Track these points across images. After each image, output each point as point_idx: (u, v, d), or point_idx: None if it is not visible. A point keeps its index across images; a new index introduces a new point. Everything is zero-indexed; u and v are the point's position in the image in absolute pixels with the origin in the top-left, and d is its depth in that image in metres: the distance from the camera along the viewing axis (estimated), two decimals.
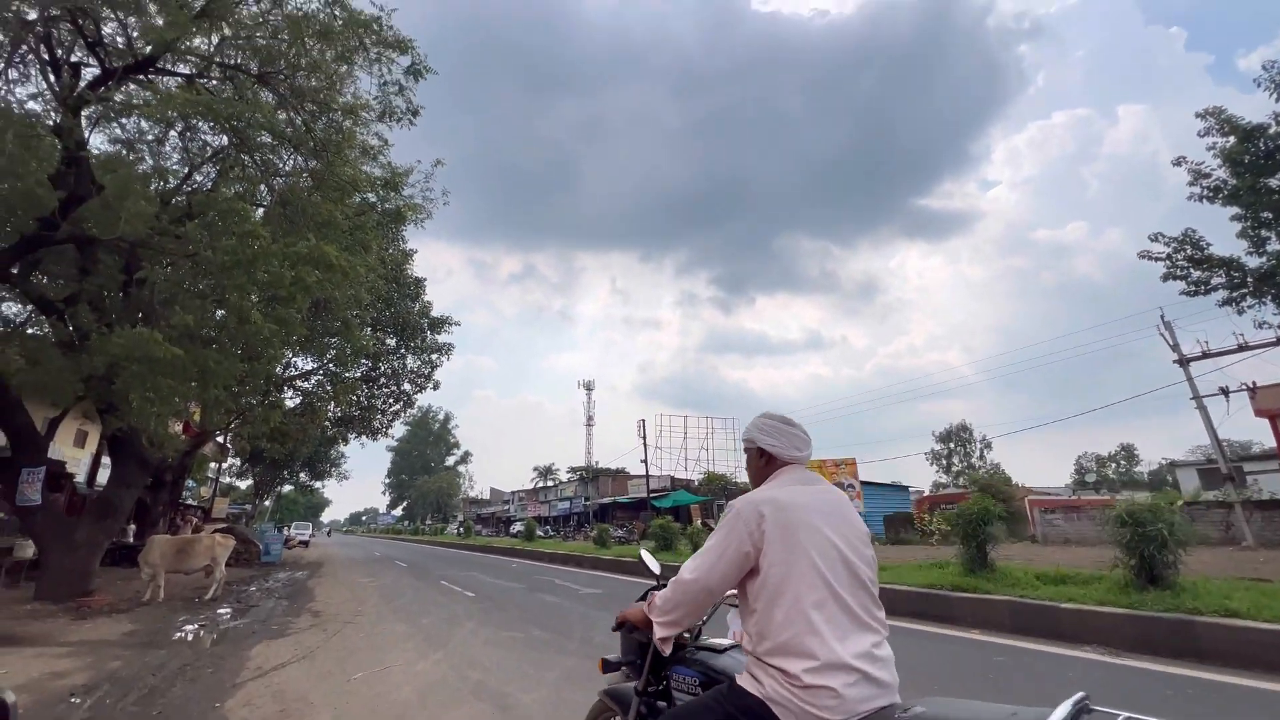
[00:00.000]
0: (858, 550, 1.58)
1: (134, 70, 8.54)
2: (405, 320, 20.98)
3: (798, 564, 1.48)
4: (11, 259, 8.80)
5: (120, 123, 9.87)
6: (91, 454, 21.45)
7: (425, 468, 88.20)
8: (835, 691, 1.33)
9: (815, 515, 1.56)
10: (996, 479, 36.36)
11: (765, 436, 1.77)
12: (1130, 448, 75.10)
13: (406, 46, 9.19)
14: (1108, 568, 7.06)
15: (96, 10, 7.96)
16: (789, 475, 1.70)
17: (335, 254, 9.17)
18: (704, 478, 46.48)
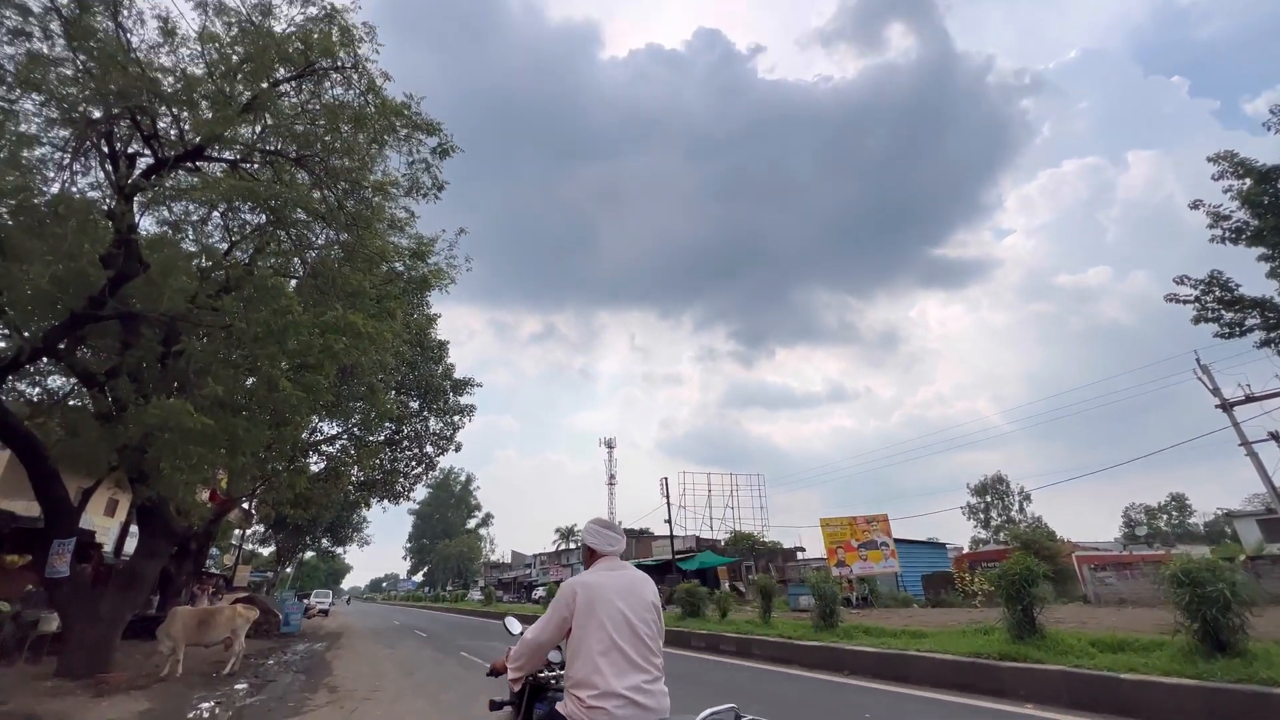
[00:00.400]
0: (640, 615, 2.26)
1: (184, 159, 9.19)
2: (428, 383, 21.32)
3: (593, 625, 2.16)
4: (61, 335, 9.24)
5: (169, 206, 10.55)
6: (121, 522, 21.70)
7: (446, 531, 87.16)
8: (609, 712, 2.00)
9: (611, 592, 2.25)
10: (1039, 534, 34.55)
11: (590, 538, 2.56)
12: (1181, 498, 71.21)
13: (434, 129, 9.78)
14: (1169, 632, 6.57)
15: (154, 108, 8.68)
16: (602, 564, 2.46)
17: (363, 321, 9.48)
18: (730, 537, 45.07)
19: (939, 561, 32.95)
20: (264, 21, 8.72)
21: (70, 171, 8.90)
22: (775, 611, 14.83)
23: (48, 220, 8.20)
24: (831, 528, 27.71)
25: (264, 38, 8.42)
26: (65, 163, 9.01)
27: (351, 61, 9.02)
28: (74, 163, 9.09)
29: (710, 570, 34.73)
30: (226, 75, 8.70)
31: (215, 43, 8.72)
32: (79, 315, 8.96)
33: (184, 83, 8.70)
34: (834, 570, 25.32)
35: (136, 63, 8.25)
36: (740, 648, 11.52)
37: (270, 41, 8.39)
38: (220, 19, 8.73)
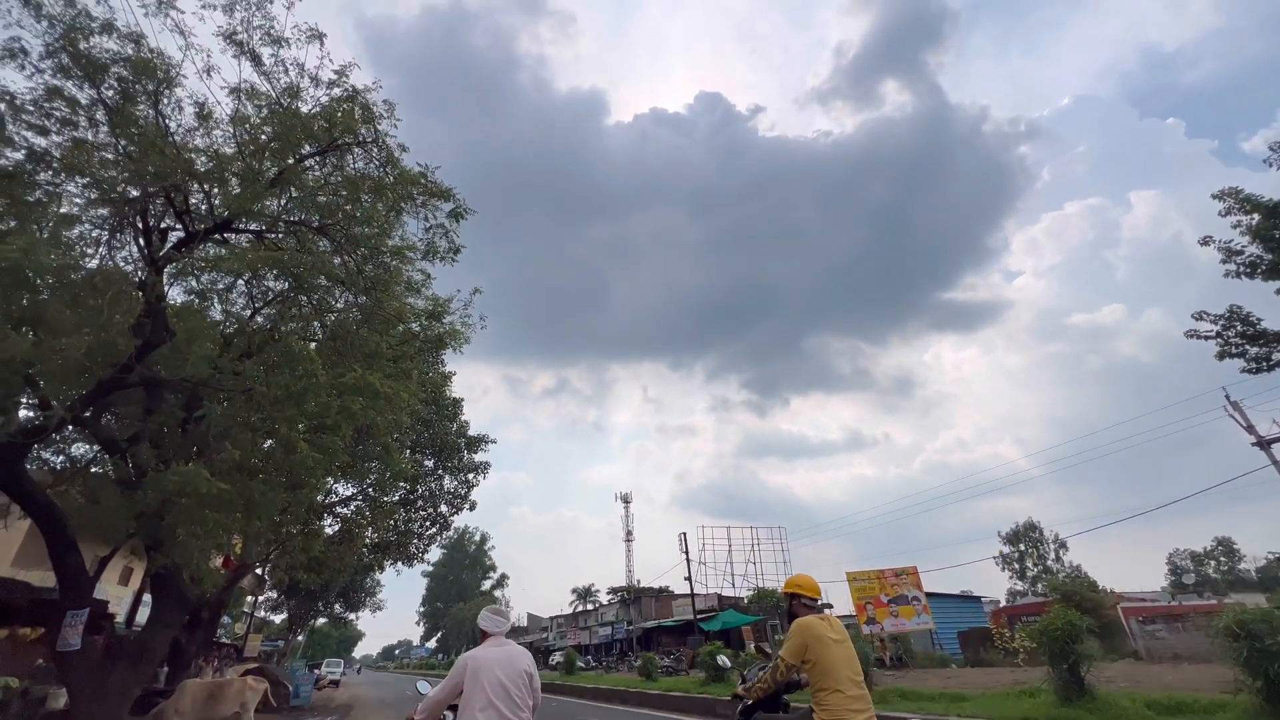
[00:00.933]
0: (514, 680, 3.07)
1: (213, 231, 9.64)
2: (443, 441, 21.32)
3: (477, 689, 2.98)
4: (88, 404, 9.45)
5: (197, 276, 10.98)
6: (134, 591, 21.48)
7: (461, 594, 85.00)
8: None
9: (493, 663, 3.10)
10: (1080, 584, 32.83)
11: (483, 622, 3.47)
12: (1228, 542, 67.68)
13: (449, 195, 10.20)
14: (1230, 691, 6.10)
15: (187, 186, 9.18)
16: (490, 641, 3.34)
17: (380, 381, 9.61)
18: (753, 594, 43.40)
19: (975, 616, 31.32)
20: (292, 103, 9.30)
21: (108, 247, 9.35)
22: None
23: (82, 294, 8.57)
24: (859, 582, 26.61)
25: (291, 117, 8.96)
26: (103, 239, 9.49)
27: (372, 136, 9.53)
28: (111, 239, 9.57)
29: (734, 630, 33.29)
30: (255, 153, 9.21)
31: (246, 124, 9.29)
32: (106, 383, 9.18)
33: (216, 161, 9.23)
34: (864, 628, 24.14)
35: (173, 145, 8.80)
36: None
37: (297, 121, 8.92)
38: (251, 102, 9.33)
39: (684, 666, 28.37)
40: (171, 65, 8.96)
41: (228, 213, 9.23)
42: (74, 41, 8.30)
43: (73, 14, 8.33)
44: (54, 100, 8.59)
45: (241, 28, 8.88)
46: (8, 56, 8.35)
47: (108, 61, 8.57)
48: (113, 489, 10.55)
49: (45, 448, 11.94)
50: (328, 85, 9.41)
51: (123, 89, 8.72)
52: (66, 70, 8.53)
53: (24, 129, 8.68)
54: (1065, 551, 62.62)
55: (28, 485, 9.75)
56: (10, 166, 8.46)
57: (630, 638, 45.87)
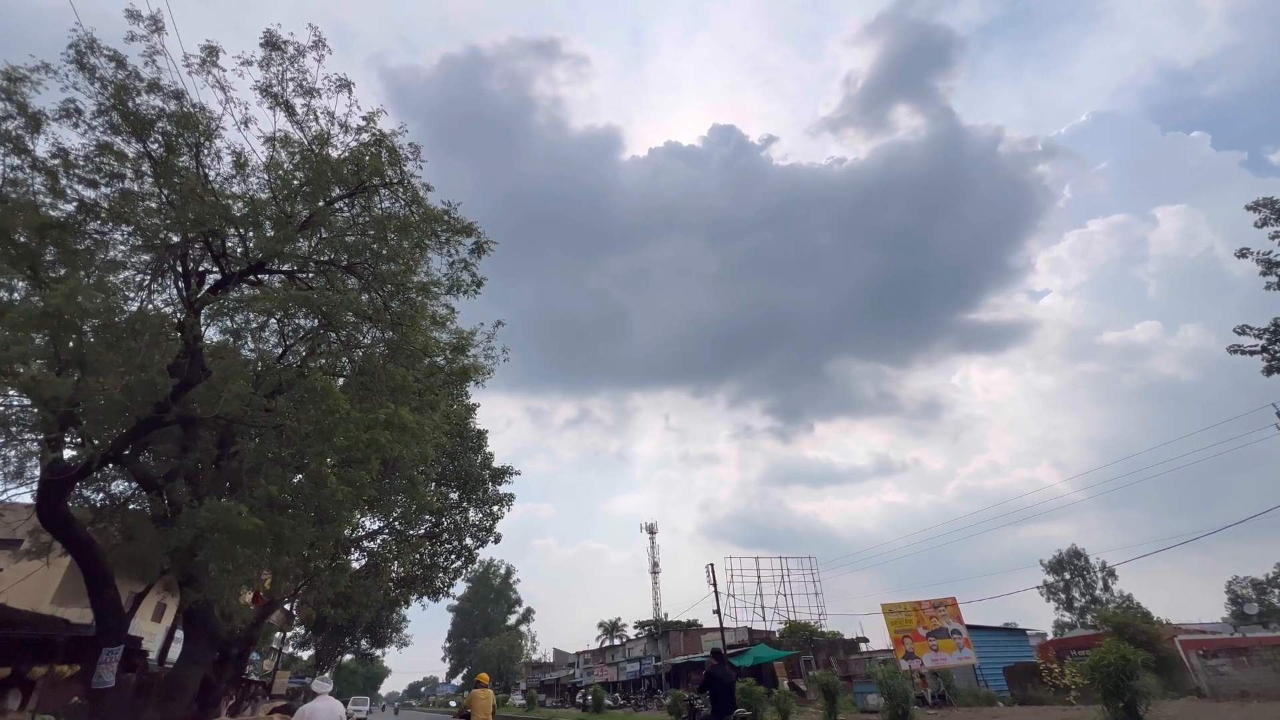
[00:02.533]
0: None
1: (247, 273, 10.02)
2: (468, 473, 21.40)
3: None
4: (128, 442, 9.77)
5: (231, 316, 11.38)
6: (166, 628, 21.73)
7: (486, 628, 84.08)
8: None
9: (320, 711, 6.81)
10: (1133, 615, 31.11)
11: (315, 686, 7.42)
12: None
13: (471, 230, 10.48)
14: None
15: (224, 230, 9.60)
16: (319, 698, 7.04)
17: (407, 415, 9.76)
18: (785, 628, 42.06)
19: (1020, 651, 29.81)
20: (322, 149, 9.72)
21: (148, 291, 9.77)
22: (841, 712, 13.50)
23: (124, 336, 8.94)
24: (895, 614, 25.65)
25: (322, 163, 9.35)
26: (144, 283, 9.93)
27: (398, 178, 9.87)
28: (152, 283, 10.00)
29: (766, 666, 32.18)
30: (288, 197, 9.61)
31: (279, 170, 9.72)
32: (145, 422, 9.49)
33: (251, 206, 9.64)
34: (903, 663, 23.15)
35: (212, 193, 9.23)
36: None
37: (327, 166, 9.31)
38: (285, 149, 9.77)
39: None
40: (212, 118, 9.47)
41: (261, 255, 9.59)
42: (123, 100, 8.84)
43: (123, 75, 8.89)
44: (104, 155, 9.13)
45: (276, 81, 9.37)
46: (64, 116, 8.93)
47: (154, 117, 9.10)
48: (148, 525, 10.79)
49: (86, 485, 12.31)
50: (356, 131, 9.82)
51: (166, 142, 9.23)
52: (116, 127, 9.08)
53: (76, 182, 9.22)
54: (1114, 580, 59.56)
55: (70, 522, 10.04)
56: (62, 217, 8.95)
57: (659, 674, 44.66)
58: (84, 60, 8.71)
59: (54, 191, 9.07)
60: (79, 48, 8.67)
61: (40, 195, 8.98)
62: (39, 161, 8.96)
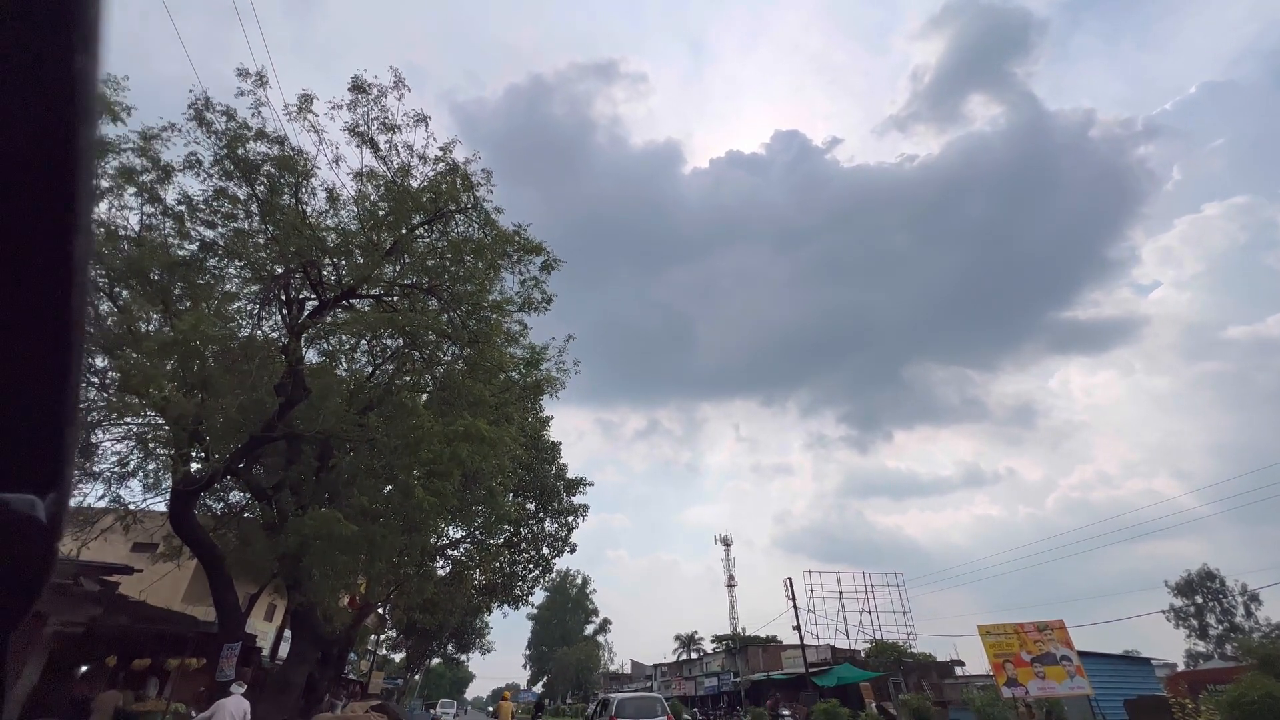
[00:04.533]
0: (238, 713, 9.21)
1: (341, 299, 10.86)
2: (543, 484, 21.96)
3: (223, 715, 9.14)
4: (242, 456, 10.78)
5: (327, 339, 12.35)
6: (277, 628, 23.60)
7: (565, 638, 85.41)
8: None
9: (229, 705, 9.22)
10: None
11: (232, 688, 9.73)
12: None
13: (540, 249, 10.88)
14: None
15: (320, 260, 10.46)
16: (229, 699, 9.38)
17: (485, 428, 10.18)
18: (871, 647, 40.01)
19: (1145, 682, 26.73)
20: (404, 180, 10.41)
21: (257, 318, 10.77)
22: None
23: (238, 360, 9.91)
24: (993, 637, 23.77)
25: (403, 193, 10.02)
26: (254, 311, 10.97)
27: (471, 203, 10.41)
28: (261, 310, 11.04)
29: (851, 687, 30.68)
30: (374, 227, 10.36)
31: (366, 202, 10.49)
32: (257, 438, 10.44)
33: (342, 237, 10.46)
34: (1004, 690, 21.38)
35: (309, 227, 10.10)
36: None
37: (408, 196, 9.96)
38: (370, 183, 10.54)
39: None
40: (308, 159, 10.38)
41: (352, 281, 10.37)
42: (234, 149, 9.87)
43: (234, 127, 9.93)
44: (219, 199, 10.21)
45: (362, 120, 10.16)
46: (188, 167, 10.08)
47: (259, 162, 10.10)
48: (260, 532, 11.82)
49: (209, 496, 13.66)
50: (433, 161, 10.47)
51: (270, 184, 10.20)
52: (229, 173, 10.14)
53: (198, 224, 10.36)
54: (1258, 606, 52.43)
55: (196, 528, 11.17)
56: (188, 256, 10.08)
57: (737, 690, 43.63)
58: (202, 116, 9.80)
59: (180, 234, 10.23)
60: (197, 106, 9.77)
61: (170, 237, 10.15)
62: (169, 208, 10.13)
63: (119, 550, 14.68)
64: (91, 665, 13.92)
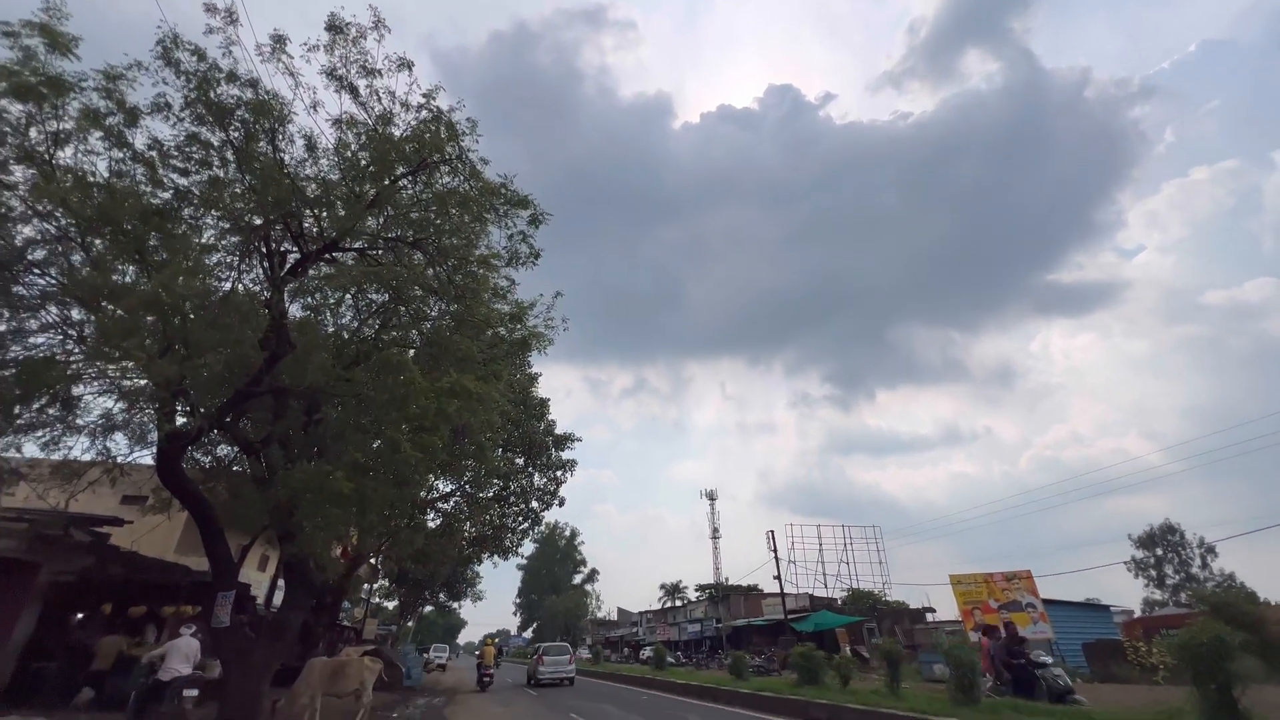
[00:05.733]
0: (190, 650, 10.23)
1: (323, 252, 10.61)
2: (532, 440, 22.21)
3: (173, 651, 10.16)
4: (228, 411, 10.72)
5: (311, 294, 12.13)
6: (270, 577, 24.06)
7: (554, 587, 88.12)
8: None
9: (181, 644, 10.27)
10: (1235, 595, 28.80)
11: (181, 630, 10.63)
12: None
13: (528, 203, 10.63)
14: None
15: (300, 211, 10.16)
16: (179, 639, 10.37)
17: (473, 384, 10.18)
18: (848, 595, 41.79)
19: (1103, 628, 28.35)
20: (385, 128, 10.03)
21: (237, 272, 10.52)
22: (905, 681, 13.37)
23: (220, 315, 9.72)
24: (964, 586, 24.95)
25: (385, 142, 9.67)
26: (234, 264, 10.71)
27: (457, 153, 10.09)
28: (241, 264, 10.77)
29: (827, 632, 32.19)
30: (356, 177, 10.03)
31: (347, 150, 10.13)
32: (242, 392, 10.37)
33: (323, 188, 10.13)
34: (971, 635, 22.57)
35: (288, 176, 9.76)
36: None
37: (390, 145, 9.62)
38: (350, 130, 10.15)
39: (775, 667, 27.82)
40: (284, 104, 9.94)
41: (335, 233, 10.11)
42: (205, 91, 9.41)
43: (204, 68, 9.43)
44: (192, 144, 9.79)
45: (340, 64, 9.69)
46: (156, 110, 9.61)
47: (233, 105, 9.65)
48: (250, 486, 11.89)
49: (195, 449, 13.64)
50: (416, 109, 10.06)
51: (245, 129, 9.79)
52: (201, 118, 9.69)
53: (171, 171, 9.96)
54: (1214, 557, 55.10)
55: (184, 482, 11.20)
56: (162, 205, 9.73)
57: (719, 635, 45.59)
58: (170, 55, 9.28)
59: (153, 181, 9.83)
60: (165, 44, 9.24)
61: (142, 185, 9.77)
62: (139, 154, 9.71)
63: (108, 503, 14.73)
64: (87, 613, 14.18)
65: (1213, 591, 36.38)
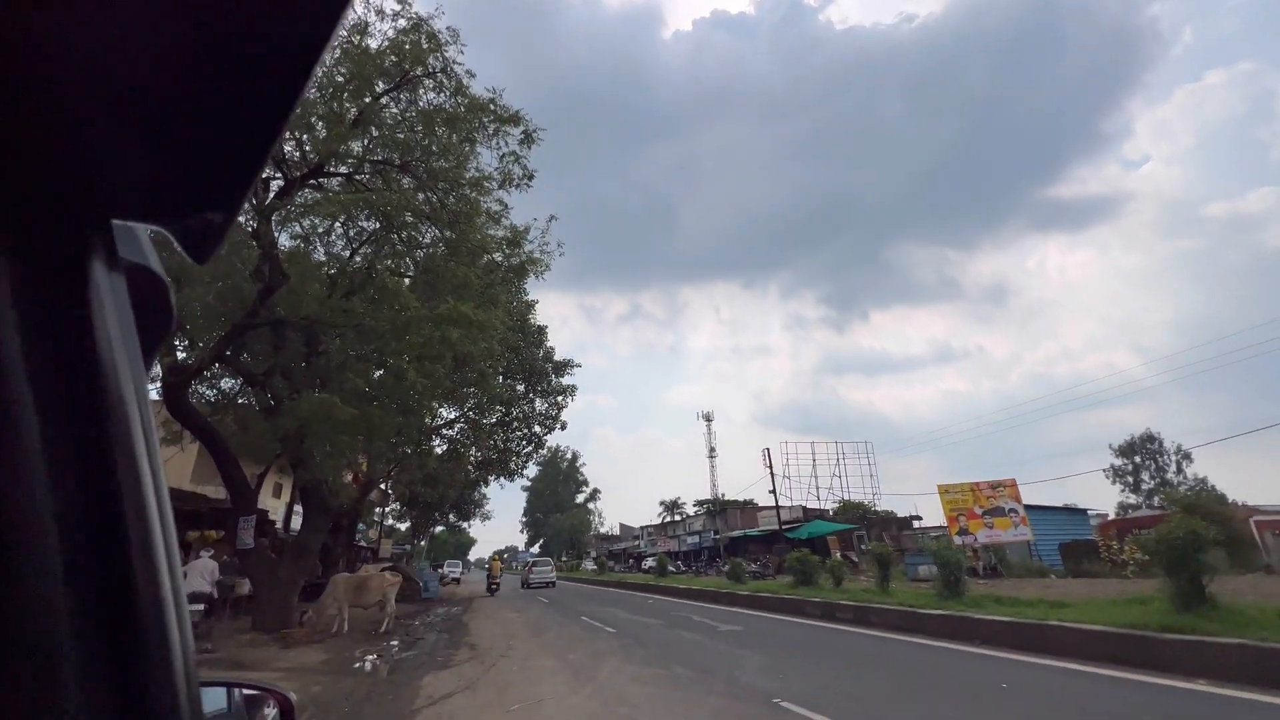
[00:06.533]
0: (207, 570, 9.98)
1: (308, 177, 10.21)
2: (532, 366, 22.41)
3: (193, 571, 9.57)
4: (227, 344, 10.71)
5: (299, 222, 11.79)
6: (286, 503, 24.98)
7: (558, 506, 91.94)
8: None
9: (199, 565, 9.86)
10: (1206, 497, 30.35)
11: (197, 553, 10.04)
12: None
13: (519, 119, 10.13)
14: None
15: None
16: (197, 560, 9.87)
17: (472, 311, 10.14)
18: (839, 506, 43.82)
19: (1079, 529, 30.02)
20: (361, 40, 9.37)
21: None
22: (893, 581, 14.31)
23: None
24: (951, 495, 26.14)
25: (363, 55, 9.06)
26: None
27: (440, 65, 9.49)
28: None
29: (820, 539, 34.04)
30: (335, 95, 9.48)
31: (322, 66, 9.50)
32: (239, 325, 10.31)
33: (302, 107, 9.59)
34: (956, 539, 23.91)
35: None
36: (858, 616, 11.28)
37: (368, 58, 9.02)
38: None
39: (770, 571, 29.61)
40: None
41: (318, 157, 9.69)
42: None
43: None
44: None
45: None
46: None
47: None
48: (258, 417, 12.07)
49: (200, 383, 13.74)
50: (393, 17, 9.37)
51: None
52: None
53: None
54: (1189, 464, 57.59)
55: (193, 414, 11.38)
56: None
57: (717, 546, 48.20)
58: None
59: None
60: None
61: None
62: None
63: None
64: None
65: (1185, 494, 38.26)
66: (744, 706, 5.47)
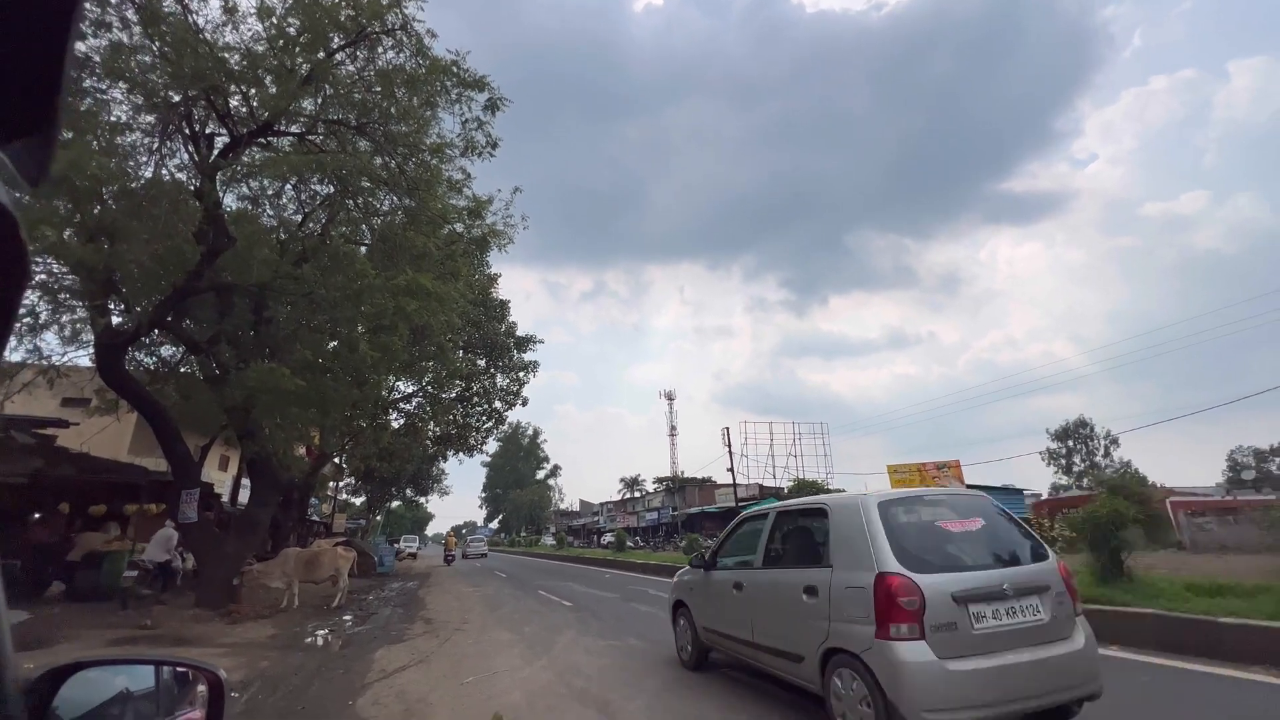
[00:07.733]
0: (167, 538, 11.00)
1: (256, 135, 9.65)
2: (493, 341, 22.05)
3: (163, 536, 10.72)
4: (167, 308, 10.14)
5: (246, 182, 11.17)
6: (233, 477, 24.11)
7: (518, 481, 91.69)
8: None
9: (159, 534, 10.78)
10: (1129, 479, 32.48)
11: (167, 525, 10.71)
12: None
13: (483, 84, 9.77)
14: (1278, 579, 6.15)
15: (225, 87, 9.08)
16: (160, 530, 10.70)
17: (430, 283, 9.86)
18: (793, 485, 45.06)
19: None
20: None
21: (159, 155, 9.52)
22: None
23: (144, 203, 8.89)
24: (899, 474, 27.26)
25: (316, 6, 8.54)
26: (154, 147, 9.66)
27: (400, 22, 9.05)
28: (161, 146, 9.72)
29: None
30: (285, 49, 8.94)
31: (272, 16, 8.93)
32: (181, 289, 9.77)
33: (249, 60, 9.02)
34: None
35: (205, 44, 8.61)
36: None
37: (322, 9, 8.51)
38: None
39: None
40: None
41: (267, 114, 9.16)
42: None
43: None
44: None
45: None
46: None
47: None
48: (202, 386, 11.55)
49: (138, 350, 13.01)
50: None
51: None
52: None
53: None
54: (1116, 448, 61.54)
55: (129, 382, 10.78)
56: None
57: (675, 522, 49.08)
58: None
59: None
60: None
61: None
62: None
63: (47, 405, 14.10)
64: (44, 513, 14.03)
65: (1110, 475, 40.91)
66: (696, 676, 5.64)
